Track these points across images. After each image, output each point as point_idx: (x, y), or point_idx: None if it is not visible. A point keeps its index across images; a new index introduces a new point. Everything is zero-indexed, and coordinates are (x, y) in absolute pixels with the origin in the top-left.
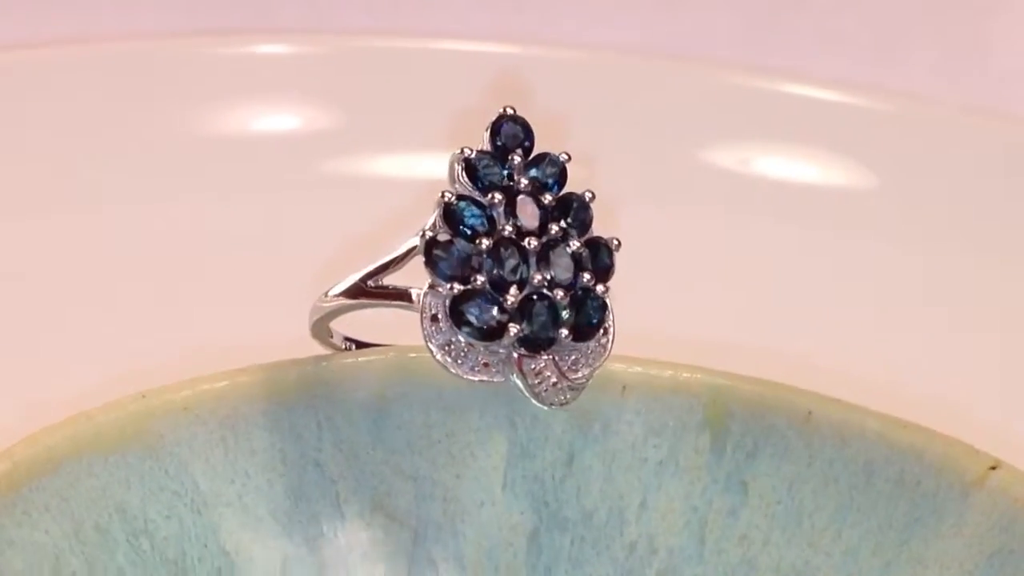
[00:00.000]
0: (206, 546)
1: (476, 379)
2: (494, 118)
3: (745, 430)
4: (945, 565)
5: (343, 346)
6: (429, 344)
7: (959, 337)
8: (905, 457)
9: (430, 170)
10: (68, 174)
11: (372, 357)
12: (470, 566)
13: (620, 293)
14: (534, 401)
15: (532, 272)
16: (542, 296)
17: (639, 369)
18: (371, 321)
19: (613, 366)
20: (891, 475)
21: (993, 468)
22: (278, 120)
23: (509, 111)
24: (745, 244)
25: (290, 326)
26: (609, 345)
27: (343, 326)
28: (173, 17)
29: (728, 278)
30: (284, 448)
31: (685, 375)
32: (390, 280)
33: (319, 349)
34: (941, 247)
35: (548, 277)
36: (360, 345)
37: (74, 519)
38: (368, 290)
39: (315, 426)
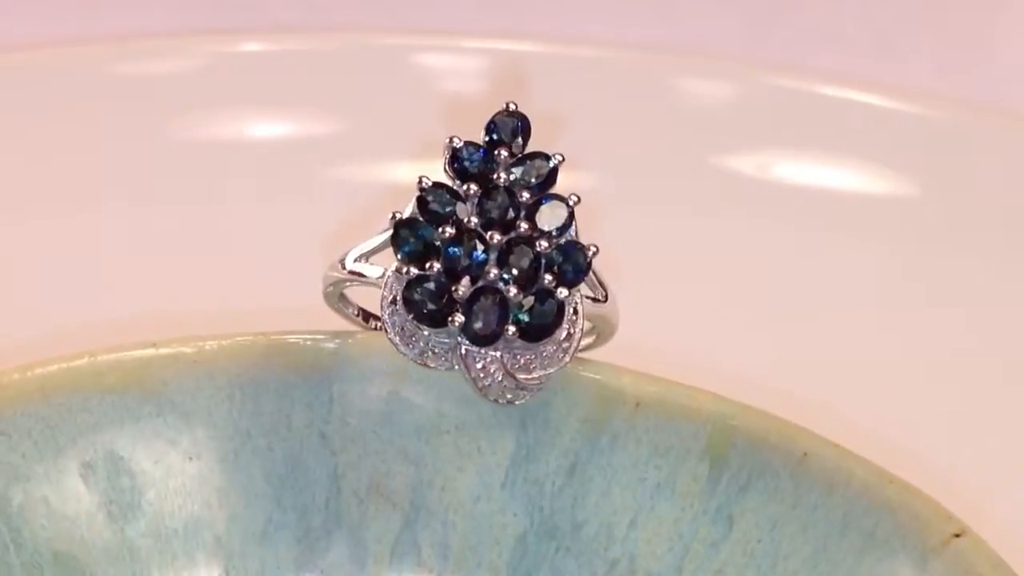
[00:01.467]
0: (189, 495)
1: (422, 364)
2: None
3: (742, 463)
4: None
5: (369, 324)
6: (385, 324)
7: (988, 362)
8: (881, 513)
9: (431, 170)
10: (57, 177)
11: None
12: (453, 557)
13: (634, 303)
14: (478, 394)
15: (489, 266)
16: (493, 291)
17: (653, 388)
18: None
19: (629, 381)
20: (865, 528)
21: (957, 535)
22: (272, 124)
23: (511, 106)
24: (767, 252)
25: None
26: (571, 351)
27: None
28: (169, 17)
29: (745, 289)
30: (291, 415)
31: (696, 399)
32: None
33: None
34: (974, 260)
35: (505, 273)
36: (367, 315)
37: (57, 448)
38: (354, 266)
39: (327, 398)
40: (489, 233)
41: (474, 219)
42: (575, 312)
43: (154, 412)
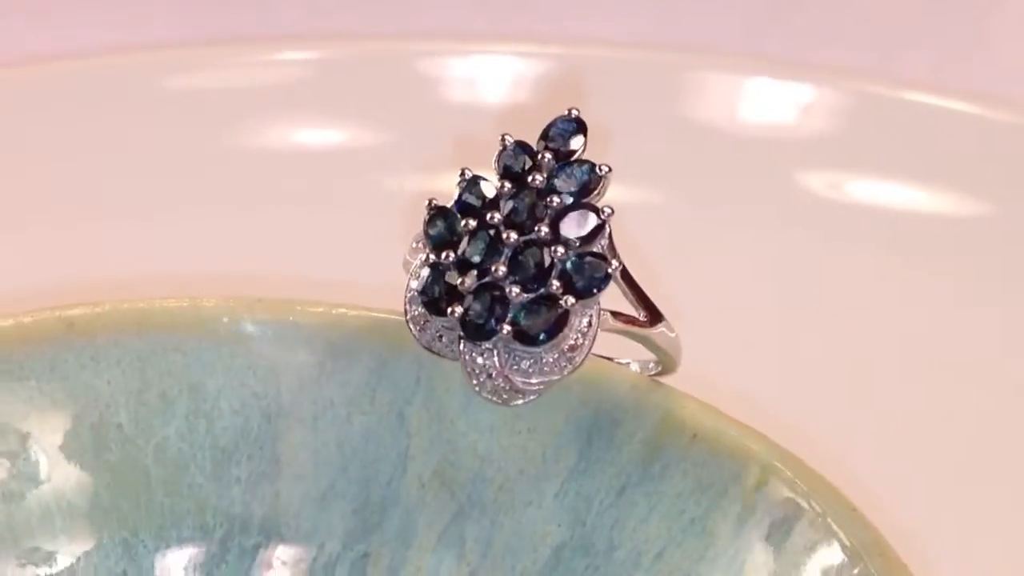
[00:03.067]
0: (261, 448)
1: (432, 349)
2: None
3: (768, 511)
4: None
5: None
6: (406, 306)
7: None
8: None
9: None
10: (89, 185)
11: None
12: (492, 555)
13: (692, 328)
14: (472, 389)
15: (499, 264)
16: (495, 287)
17: (711, 422)
18: None
19: (690, 411)
20: None
21: None
22: (326, 134)
23: (573, 112)
24: (834, 273)
25: None
26: (576, 362)
27: None
28: (188, 27)
29: (809, 317)
30: (377, 391)
31: (747, 439)
32: None
33: None
34: None
35: (513, 273)
36: None
37: (143, 380)
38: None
39: (414, 380)
40: (507, 232)
41: (498, 216)
42: (589, 325)
43: (245, 365)
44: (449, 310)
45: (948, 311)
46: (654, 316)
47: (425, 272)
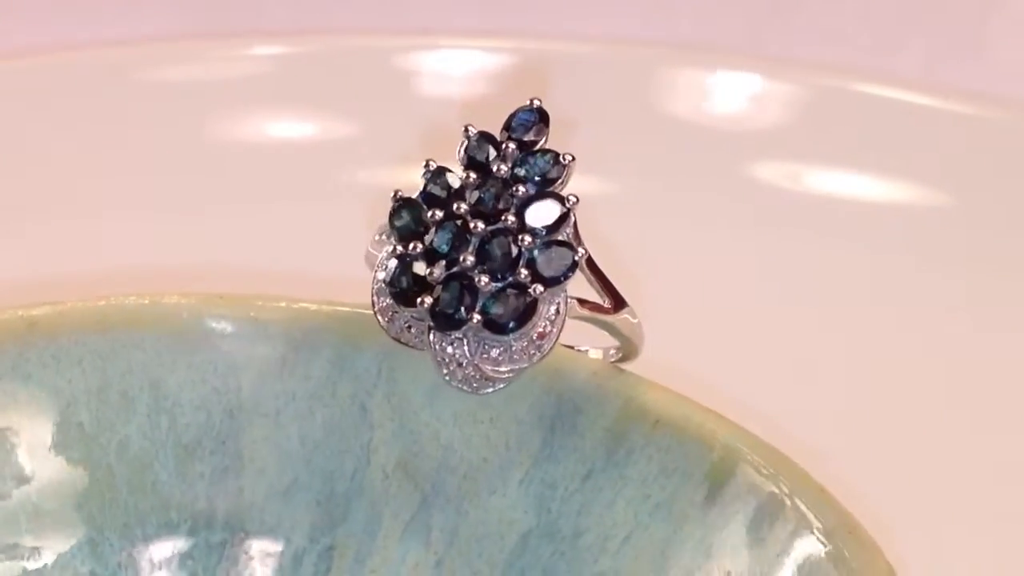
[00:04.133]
0: (223, 443)
1: (401, 340)
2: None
3: (735, 495)
4: None
5: None
6: (373, 297)
7: None
8: (829, 569)
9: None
10: (57, 181)
11: None
12: (458, 544)
13: (656, 315)
14: (441, 378)
15: (467, 253)
16: (464, 277)
17: (675, 409)
18: None
19: (653, 397)
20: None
21: None
22: (294, 127)
23: (535, 102)
24: (789, 262)
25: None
26: (544, 349)
27: None
28: (171, 21)
29: (761, 299)
30: (338, 383)
31: (711, 424)
32: None
33: None
34: (1014, 273)
35: (482, 262)
36: None
37: (103, 379)
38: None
39: (375, 372)
40: (474, 222)
41: (464, 207)
42: (557, 312)
43: (206, 361)
44: (418, 301)
45: (906, 298)
46: (618, 303)
47: (392, 263)
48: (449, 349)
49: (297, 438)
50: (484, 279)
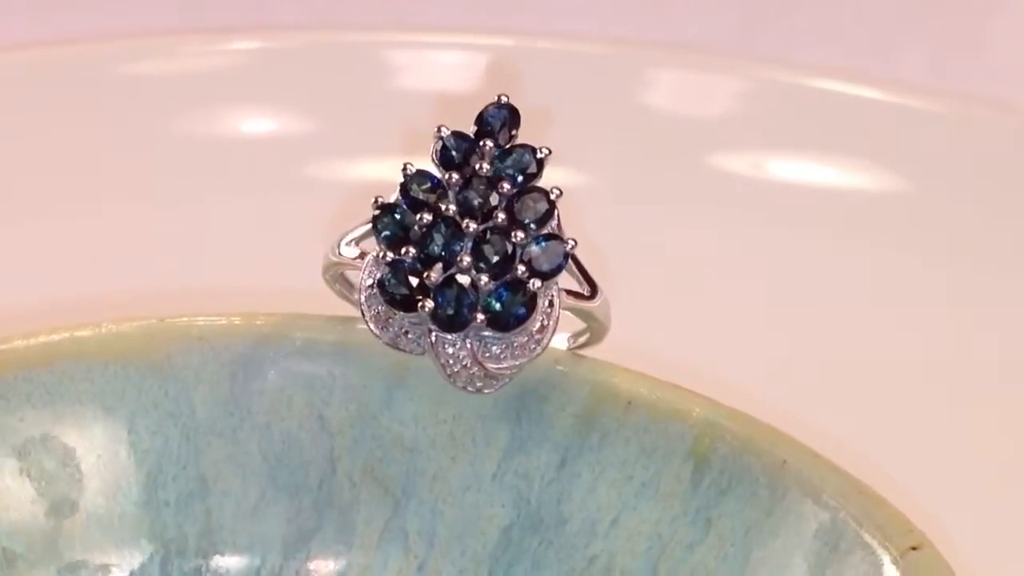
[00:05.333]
0: (184, 468)
1: (396, 347)
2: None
3: (724, 467)
4: None
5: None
6: (361, 305)
7: (986, 360)
8: (847, 524)
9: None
10: (41, 177)
11: None
12: (438, 545)
13: (624, 301)
14: (446, 381)
15: (463, 254)
16: (463, 278)
17: (645, 389)
18: None
19: (622, 380)
20: (831, 540)
21: (914, 548)
22: (262, 122)
23: (502, 99)
24: (757, 250)
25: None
26: (544, 343)
27: None
28: (150, 16)
29: (735, 287)
30: (292, 395)
31: (686, 401)
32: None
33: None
34: (968, 258)
35: (478, 262)
36: None
37: (55, 414)
38: (344, 250)
39: (329, 380)
40: (465, 222)
41: (452, 207)
42: (551, 305)
43: (156, 385)
44: (420, 305)
45: (865, 280)
46: (594, 289)
47: (384, 270)
48: (451, 351)
49: (258, 454)
50: (484, 278)
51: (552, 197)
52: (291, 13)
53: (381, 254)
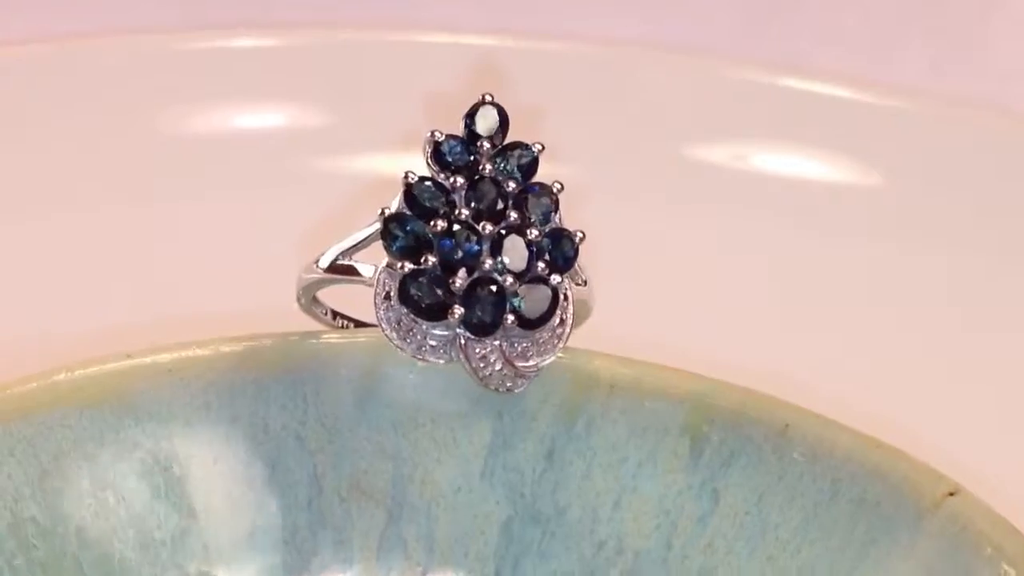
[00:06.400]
0: (174, 505)
1: (422, 358)
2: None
3: (723, 438)
4: None
5: (336, 322)
6: (381, 321)
7: (960, 344)
8: (870, 477)
9: (412, 165)
10: (45, 173)
11: (365, 336)
12: (439, 549)
13: (608, 292)
14: (479, 385)
15: (484, 256)
16: (490, 281)
17: (627, 370)
18: (362, 298)
19: (602, 364)
20: (854, 494)
21: (951, 494)
22: (258, 117)
23: (488, 98)
24: (739, 242)
25: (273, 326)
26: (564, 336)
27: (333, 301)
28: (153, 13)
29: (719, 277)
30: (267, 418)
31: (671, 379)
32: (365, 256)
33: (310, 323)
34: (940, 251)
35: (500, 263)
36: (358, 324)
37: (40, 466)
38: (342, 265)
39: (301, 399)
40: (481, 224)
41: (464, 211)
42: (565, 298)
43: (132, 423)
44: (450, 312)
45: (843, 268)
46: (584, 276)
47: (407, 281)
48: (482, 354)
49: (243, 481)
50: (509, 279)
51: (555, 192)
52: (291, 10)
53: (399, 264)
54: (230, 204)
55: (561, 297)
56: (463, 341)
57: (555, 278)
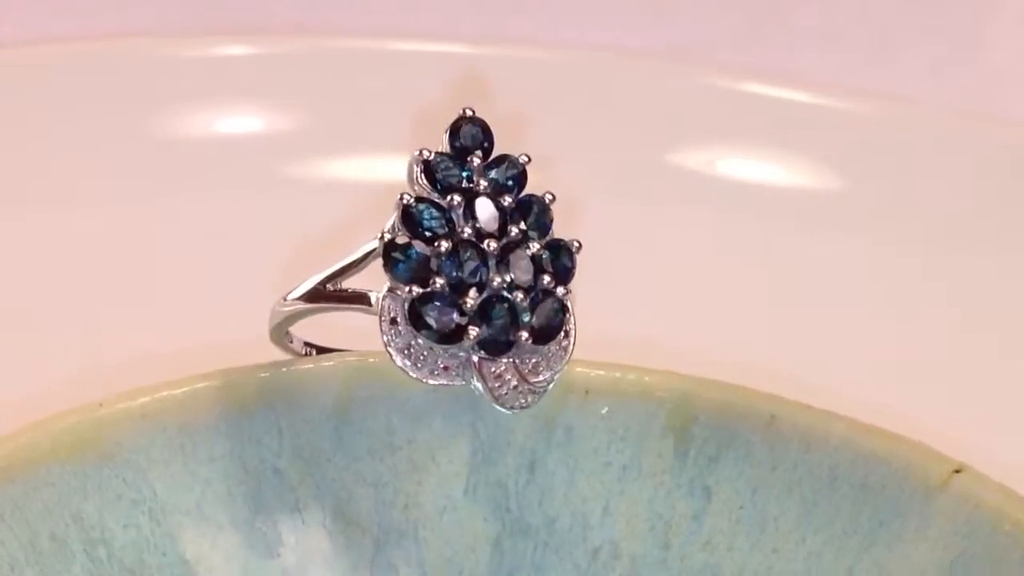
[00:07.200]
0: (165, 555)
1: (436, 383)
2: (453, 119)
3: (708, 435)
4: (908, 570)
5: (303, 351)
6: (389, 348)
7: (924, 340)
8: (869, 462)
9: (392, 172)
10: (27, 175)
11: (333, 362)
12: (432, 572)
13: (584, 296)
14: (495, 404)
15: (491, 274)
16: (501, 299)
17: (602, 373)
18: (332, 325)
19: (576, 370)
20: (855, 480)
21: (957, 472)
22: (240, 122)
23: (468, 112)
24: (711, 246)
25: (251, 329)
26: (570, 348)
27: (304, 330)
28: (136, 17)
29: (694, 280)
30: (244, 455)
31: (648, 379)
32: (349, 283)
33: (280, 354)
34: (907, 249)
35: (508, 279)
36: (320, 350)
37: (30, 528)
38: (327, 293)
39: (275, 432)
40: (486, 241)
41: (467, 230)
42: (568, 310)
43: (113, 474)
44: (467, 334)
45: (806, 267)
46: None
47: (419, 305)
48: (497, 372)
49: (228, 523)
50: (520, 295)
51: (547, 202)
52: (276, 17)
53: (407, 289)
54: (210, 209)
55: (570, 308)
56: (477, 360)
57: (560, 290)
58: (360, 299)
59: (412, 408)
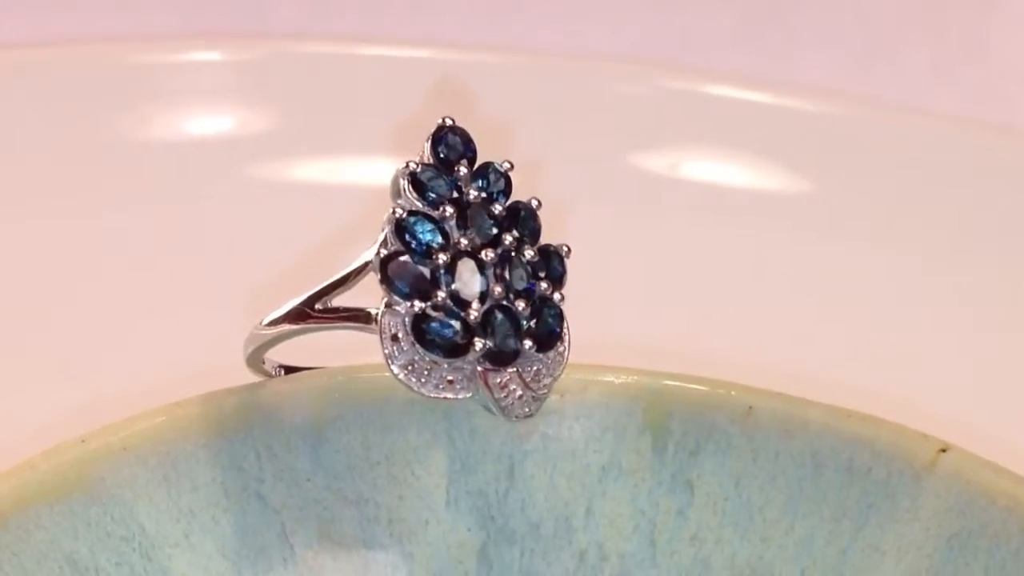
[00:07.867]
0: None
1: (441, 397)
2: (434, 130)
3: (686, 429)
4: (903, 550)
5: (274, 373)
6: (391, 365)
7: (891, 333)
8: (853, 445)
9: (370, 178)
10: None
11: (305, 382)
12: None
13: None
14: (501, 416)
15: (491, 284)
16: (503, 308)
17: (576, 376)
18: (304, 344)
19: None
20: (840, 464)
21: (943, 451)
22: (214, 128)
23: (448, 122)
24: (676, 248)
25: (227, 345)
26: (566, 353)
27: (280, 350)
28: (110, 22)
29: (668, 281)
30: (225, 482)
31: (622, 379)
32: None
33: (254, 377)
34: (873, 249)
35: (507, 289)
36: (288, 370)
37: (25, 574)
38: (315, 314)
39: (254, 456)
40: (484, 251)
41: (463, 241)
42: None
43: (101, 511)
44: (472, 347)
45: (773, 270)
46: None
47: (403, 320)
48: (502, 383)
49: (217, 552)
50: (521, 304)
51: (535, 207)
52: (260, 23)
53: (410, 304)
54: (184, 218)
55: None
56: (481, 371)
57: (557, 296)
58: (357, 317)
59: (387, 422)
